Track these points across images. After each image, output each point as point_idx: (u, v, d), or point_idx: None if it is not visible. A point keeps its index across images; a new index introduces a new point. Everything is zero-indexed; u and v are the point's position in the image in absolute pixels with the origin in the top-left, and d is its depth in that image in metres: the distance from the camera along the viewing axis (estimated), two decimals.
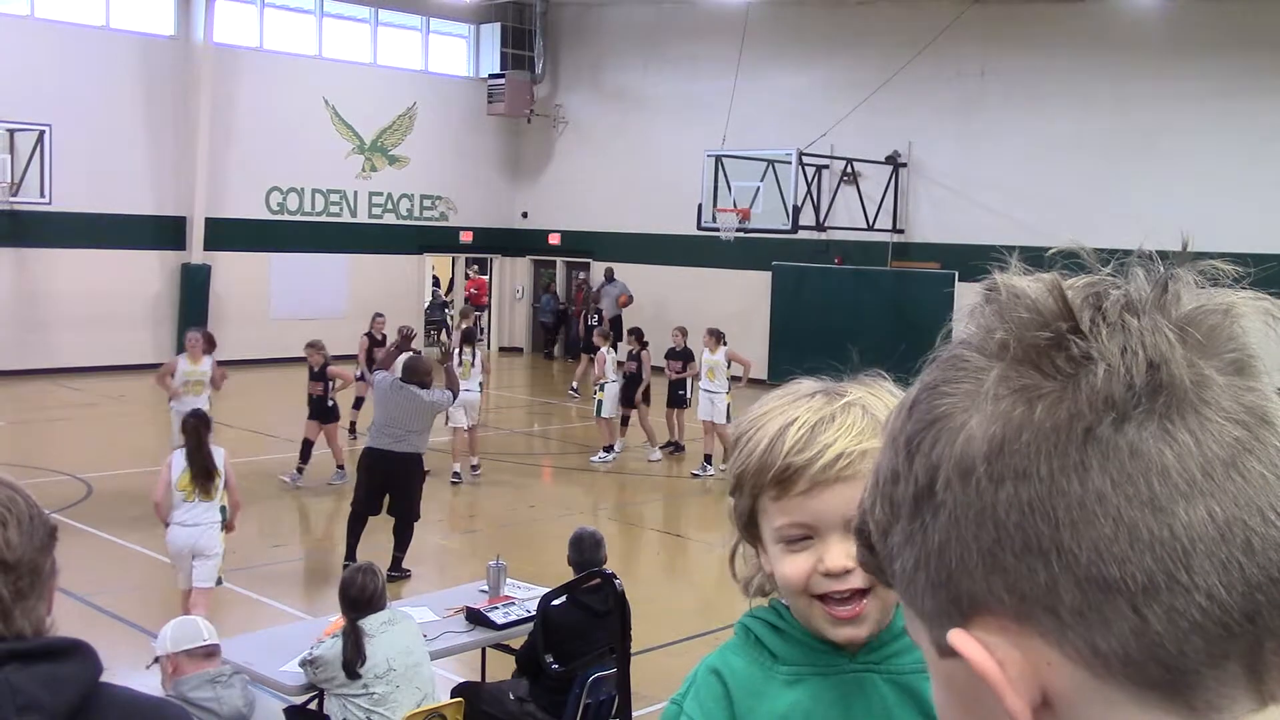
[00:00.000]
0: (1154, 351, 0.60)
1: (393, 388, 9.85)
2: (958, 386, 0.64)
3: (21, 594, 1.47)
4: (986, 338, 0.64)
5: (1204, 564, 0.58)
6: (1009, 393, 0.61)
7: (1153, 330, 0.61)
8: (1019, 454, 0.60)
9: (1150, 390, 0.60)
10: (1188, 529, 0.58)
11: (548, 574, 7.72)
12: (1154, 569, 0.58)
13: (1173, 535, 0.58)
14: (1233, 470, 0.59)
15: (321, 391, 13.50)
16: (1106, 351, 0.60)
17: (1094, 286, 0.64)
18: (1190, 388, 0.60)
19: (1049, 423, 0.60)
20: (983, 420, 0.62)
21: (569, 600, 6.32)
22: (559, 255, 26.68)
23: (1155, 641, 0.58)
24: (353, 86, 24.35)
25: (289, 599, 9.50)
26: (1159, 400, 0.59)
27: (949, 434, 0.63)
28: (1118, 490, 0.58)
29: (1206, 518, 0.58)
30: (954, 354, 0.65)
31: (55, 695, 1.42)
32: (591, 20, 25.67)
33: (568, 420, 18.80)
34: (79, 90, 20.68)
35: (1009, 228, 19.01)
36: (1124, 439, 0.59)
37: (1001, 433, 0.61)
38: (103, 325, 21.17)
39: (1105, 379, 0.60)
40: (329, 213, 24.44)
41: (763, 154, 19.39)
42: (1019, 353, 0.62)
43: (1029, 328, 0.62)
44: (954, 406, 0.63)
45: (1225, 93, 17.53)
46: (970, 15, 19.37)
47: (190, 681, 4.68)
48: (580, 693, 6.17)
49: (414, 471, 9.88)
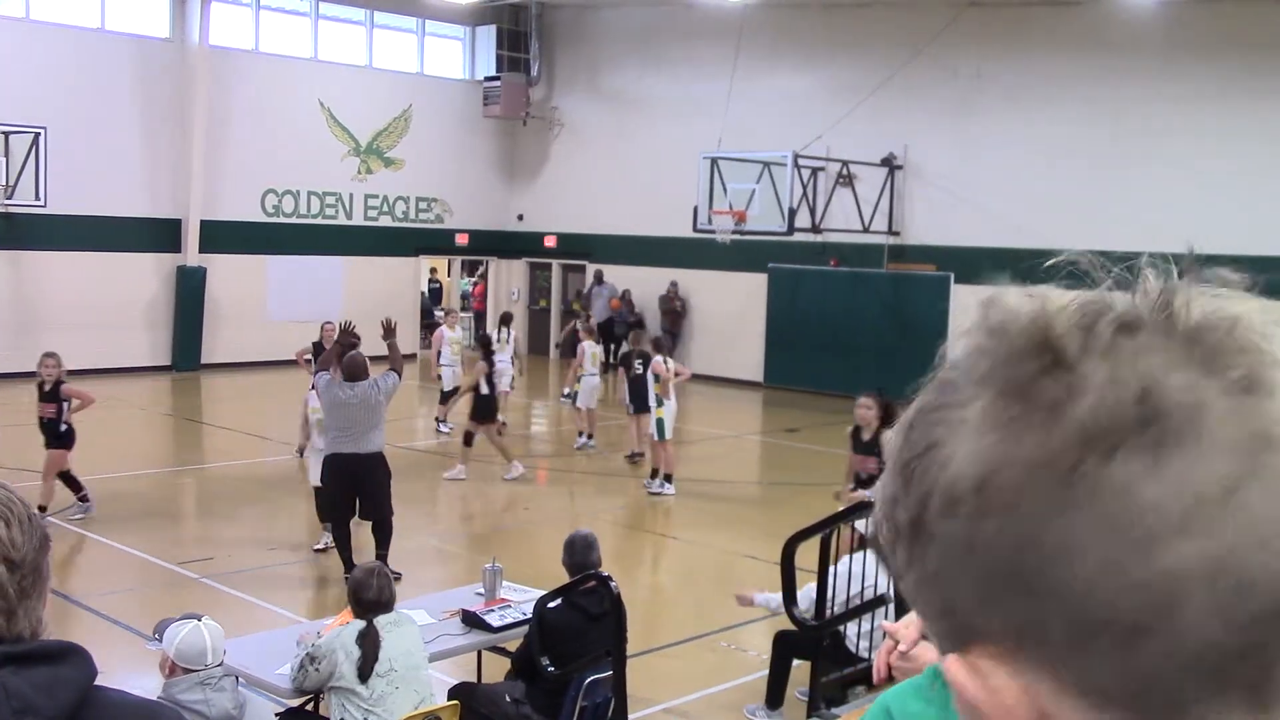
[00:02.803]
0: (1145, 379, 0.57)
1: (341, 389, 9.62)
2: (947, 414, 0.62)
3: (25, 593, 1.48)
4: (975, 364, 0.62)
5: (1197, 603, 0.56)
6: (994, 425, 0.60)
7: (1146, 354, 0.58)
8: (1004, 489, 0.59)
9: (1140, 421, 0.57)
10: (1178, 568, 0.56)
11: (543, 576, 7.72)
12: (1144, 609, 0.56)
13: (1163, 575, 0.56)
14: (1229, 504, 0.56)
15: (54, 414, 11.83)
16: (1093, 382, 0.58)
17: (1090, 305, 0.61)
18: (1185, 416, 0.57)
19: (1033, 458, 0.58)
20: (969, 453, 0.60)
21: (565, 602, 6.33)
22: (555, 258, 26.69)
23: (1150, 677, 0.57)
24: (348, 89, 24.35)
25: (284, 602, 9.49)
26: (1150, 431, 0.57)
27: (939, 464, 0.61)
28: (1104, 528, 0.57)
29: (1198, 556, 0.55)
30: (946, 377, 0.64)
31: (51, 699, 1.42)
32: (587, 22, 25.69)
33: (566, 422, 18.79)
34: (74, 92, 20.67)
35: (1004, 230, 19.04)
36: (1111, 475, 0.57)
37: (987, 467, 0.59)
38: (98, 328, 21.14)
39: (1091, 411, 0.57)
40: (325, 215, 24.44)
41: (759, 156, 19.41)
42: (1003, 384, 0.60)
43: (1014, 357, 0.60)
44: (943, 436, 0.61)
45: (1221, 95, 17.57)
46: (966, 18, 19.41)
47: (181, 684, 4.70)
48: (576, 695, 6.17)
49: (380, 470, 9.73)
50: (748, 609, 7.80)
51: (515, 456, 14.11)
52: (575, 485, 14.56)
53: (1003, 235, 18.94)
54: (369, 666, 5.42)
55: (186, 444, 16.76)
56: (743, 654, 8.40)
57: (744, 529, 11.88)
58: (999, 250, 18.48)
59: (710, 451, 16.87)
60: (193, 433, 17.63)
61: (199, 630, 4.88)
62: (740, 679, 7.95)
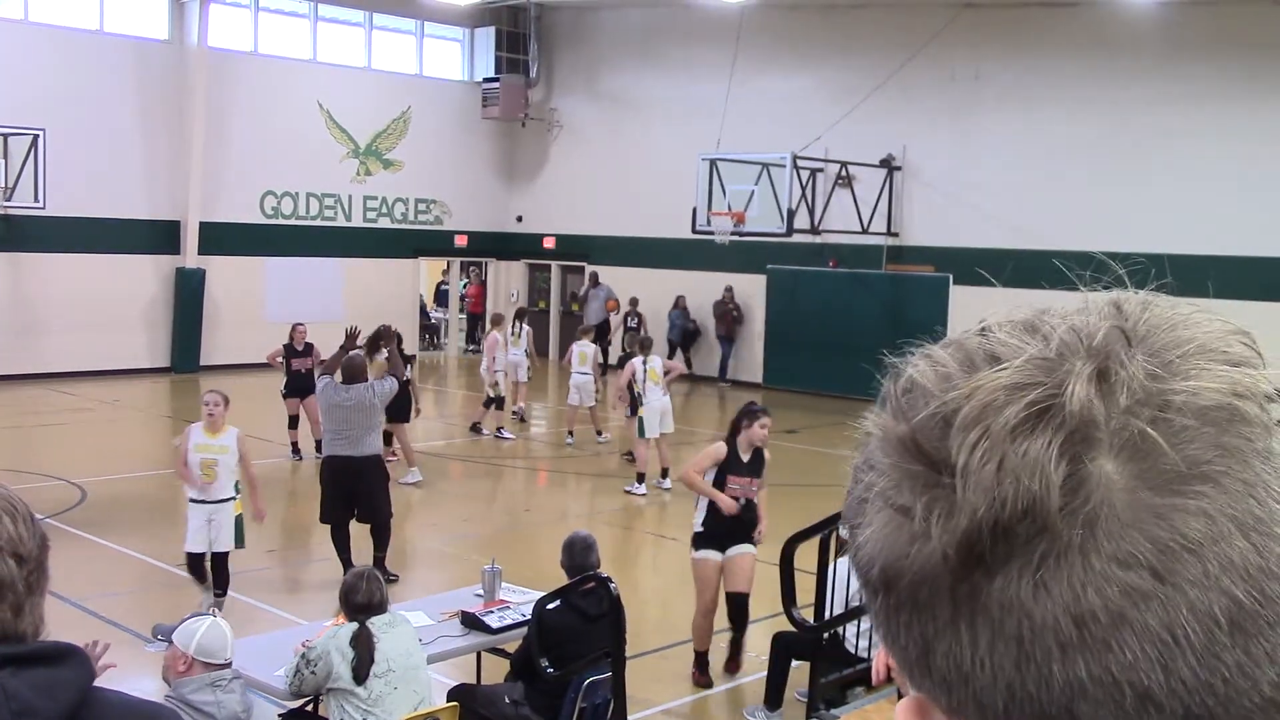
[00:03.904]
0: (1026, 497, 0.53)
1: (336, 392, 9.68)
2: (866, 492, 0.61)
3: (31, 589, 1.49)
4: (876, 450, 0.60)
5: (1092, 715, 0.54)
6: (888, 526, 0.58)
7: (1038, 459, 0.54)
8: (904, 592, 0.58)
9: (1024, 539, 0.54)
10: (1066, 688, 0.54)
11: (543, 578, 7.72)
12: (1042, 717, 0.55)
13: (1049, 693, 0.54)
14: (1121, 626, 0.53)
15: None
16: (970, 500, 0.54)
17: (1005, 394, 0.56)
18: (1076, 532, 0.53)
19: (921, 569, 0.56)
20: (873, 549, 0.59)
21: (564, 604, 6.33)
22: (554, 259, 26.70)
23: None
24: (347, 90, 24.36)
25: (283, 604, 9.49)
26: (1035, 550, 0.54)
27: (860, 541, 0.61)
28: (991, 645, 0.55)
29: (1087, 677, 0.53)
30: (877, 438, 0.61)
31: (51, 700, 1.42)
32: (586, 24, 25.69)
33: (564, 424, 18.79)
34: (73, 94, 20.66)
35: (1002, 231, 19.06)
36: (994, 594, 0.55)
37: (886, 568, 0.58)
38: (97, 330, 21.14)
39: (966, 535, 0.54)
40: (323, 217, 24.43)
41: (757, 157, 19.41)
42: (887, 485, 0.58)
43: (894, 473, 0.58)
44: (861, 512, 0.61)
45: (1219, 96, 17.57)
46: (964, 19, 19.42)
47: (192, 684, 4.70)
48: (575, 696, 6.17)
49: (377, 473, 9.76)
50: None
51: (416, 464, 13.87)
52: (574, 486, 14.56)
53: (1001, 236, 18.95)
54: (365, 668, 5.42)
55: None
56: (742, 655, 8.39)
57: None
58: (998, 251, 18.48)
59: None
60: None
61: (218, 625, 4.92)
62: (739, 680, 7.95)
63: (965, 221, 19.98)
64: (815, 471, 14.53)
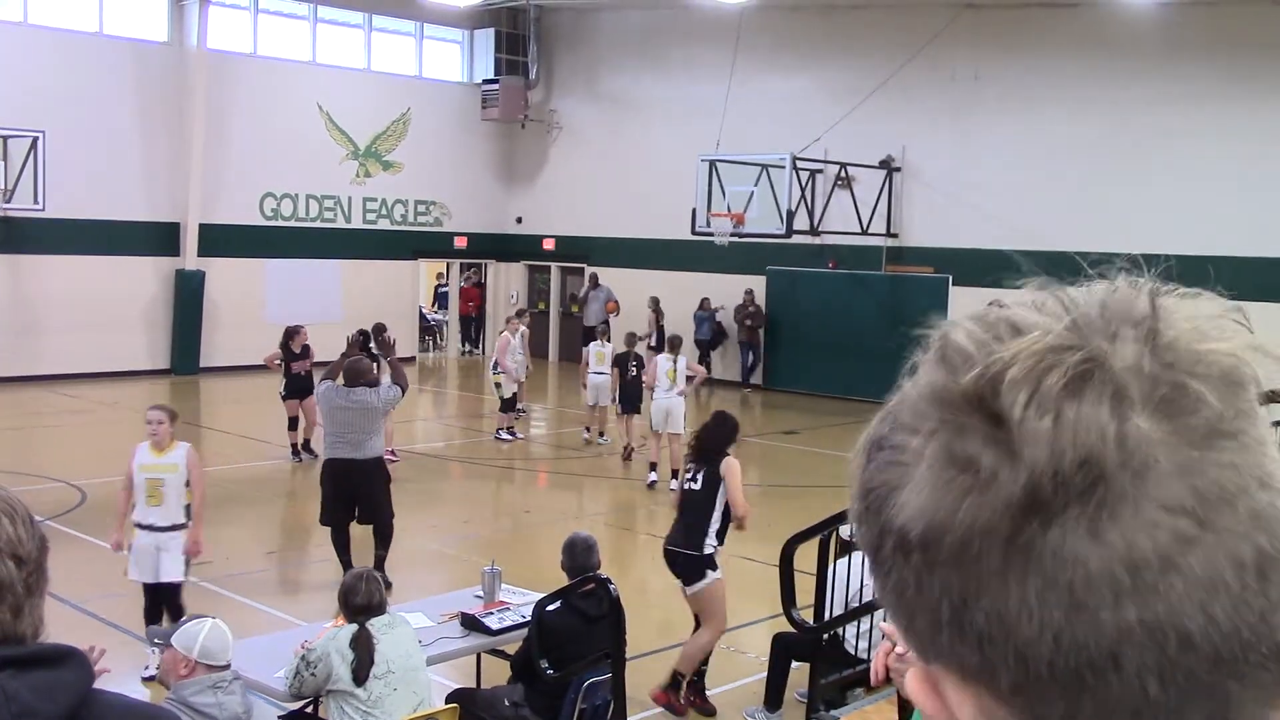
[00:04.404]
0: (1084, 448, 0.56)
1: (339, 394, 9.68)
2: (900, 455, 0.62)
3: (30, 590, 1.49)
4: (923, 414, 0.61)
5: (1134, 664, 0.56)
6: (937, 484, 0.59)
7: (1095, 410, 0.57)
8: (948, 548, 0.59)
9: (1081, 489, 0.56)
10: (1115, 634, 0.56)
11: (543, 579, 7.72)
12: (1081, 669, 0.57)
13: (1098, 640, 0.56)
14: (1169, 570, 0.56)
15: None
16: (1031, 452, 0.57)
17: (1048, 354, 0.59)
18: (1127, 480, 0.56)
19: (973, 523, 0.58)
20: (917, 507, 0.60)
21: (564, 605, 6.32)
22: (553, 260, 26.70)
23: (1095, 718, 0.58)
24: (347, 92, 24.36)
25: (282, 606, 9.49)
26: (1090, 499, 0.56)
27: (892, 503, 0.62)
28: (1041, 595, 0.57)
29: (1136, 622, 0.56)
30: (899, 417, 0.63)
31: (51, 702, 1.42)
32: (585, 25, 25.70)
33: (565, 425, 18.80)
34: (73, 96, 20.66)
35: (1002, 232, 19.05)
36: (1048, 543, 0.57)
37: (932, 524, 0.59)
38: (97, 331, 21.14)
39: (1027, 484, 0.57)
40: (323, 218, 24.43)
41: (757, 158, 19.41)
42: (946, 447, 0.60)
43: (952, 425, 0.60)
44: (897, 476, 0.62)
45: (1219, 96, 17.57)
46: (963, 20, 19.42)
47: (193, 686, 4.71)
48: (575, 698, 6.17)
49: (378, 476, 9.76)
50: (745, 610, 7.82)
51: None
52: (575, 488, 14.55)
53: (1001, 237, 18.94)
54: (364, 670, 5.42)
55: None
56: (741, 656, 8.40)
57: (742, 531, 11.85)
58: (997, 252, 18.47)
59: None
60: (191, 436, 17.56)
61: (219, 627, 4.94)
62: (739, 681, 7.95)
63: (965, 222, 19.98)
64: (815, 472, 14.55)
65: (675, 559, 7.49)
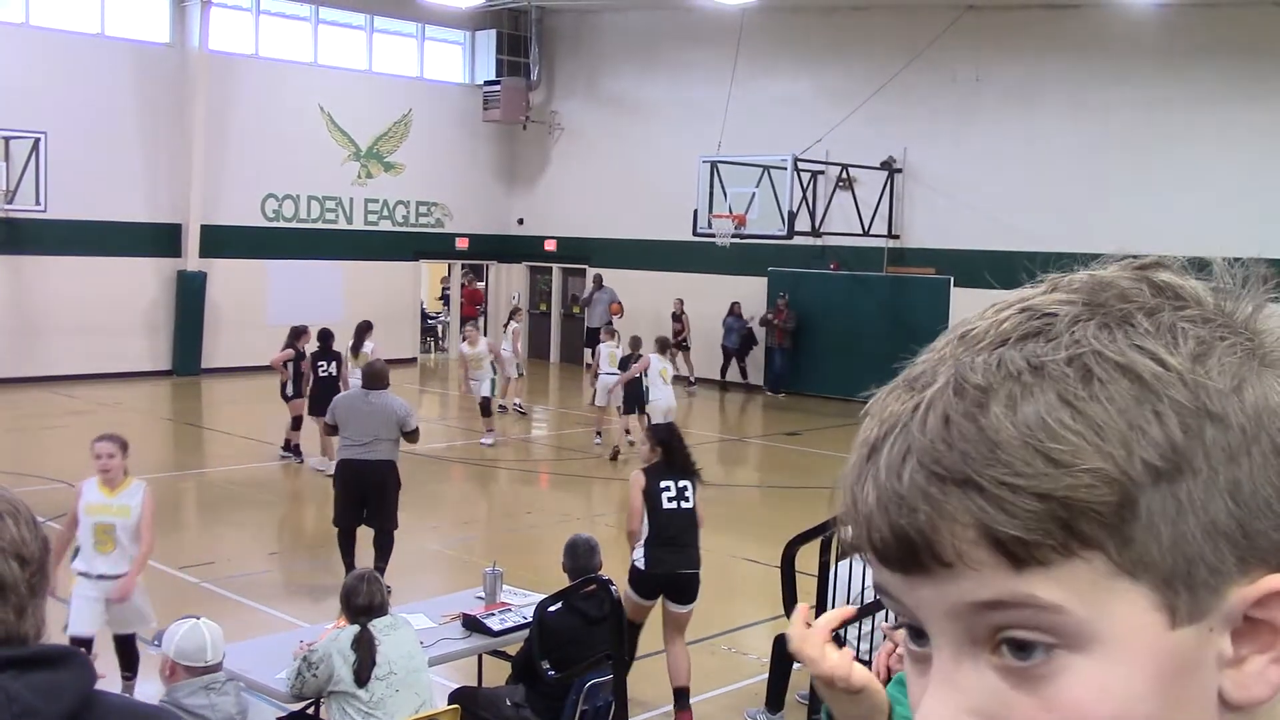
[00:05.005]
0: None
1: (360, 398, 9.67)
2: (1233, 351, 0.66)
3: (34, 590, 1.50)
4: (1232, 309, 0.70)
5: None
6: (1223, 353, 0.66)
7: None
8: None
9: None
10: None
11: (544, 580, 7.72)
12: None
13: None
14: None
15: None
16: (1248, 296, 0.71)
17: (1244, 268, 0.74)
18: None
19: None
20: (1230, 370, 0.65)
21: (565, 606, 6.32)
22: (555, 262, 26.70)
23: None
24: (348, 93, 24.37)
25: (284, 607, 9.49)
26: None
27: (1192, 390, 0.64)
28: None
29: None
30: (1213, 319, 0.69)
31: (53, 703, 1.43)
32: (587, 27, 25.71)
33: (566, 426, 18.81)
34: (74, 98, 20.68)
35: (1004, 233, 19.05)
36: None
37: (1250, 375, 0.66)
38: (98, 333, 21.16)
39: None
40: (325, 219, 24.45)
41: (758, 160, 19.42)
42: (1199, 321, 0.68)
43: (1171, 305, 0.69)
44: (1241, 368, 0.66)
45: (1220, 98, 17.57)
46: (964, 21, 19.42)
47: (185, 688, 4.70)
48: (577, 699, 6.17)
49: (389, 480, 9.68)
50: (747, 611, 7.81)
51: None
52: (576, 489, 14.55)
53: (1002, 238, 18.94)
54: (366, 671, 5.42)
55: (186, 449, 16.76)
56: (743, 657, 8.40)
57: (744, 532, 11.87)
58: (998, 253, 18.47)
59: (711, 455, 16.87)
60: (193, 437, 17.64)
61: (198, 628, 4.87)
62: (741, 682, 7.95)
63: (966, 224, 19.99)
64: (816, 473, 14.55)
65: (694, 581, 7.42)
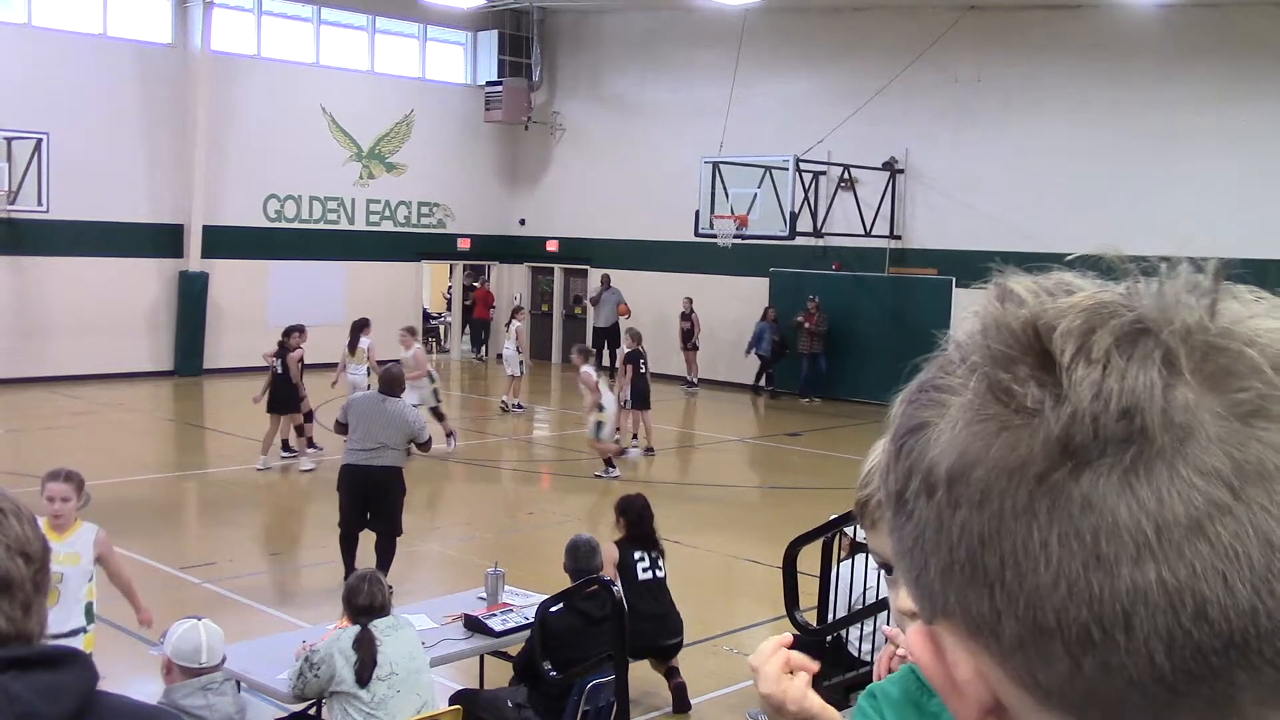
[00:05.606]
0: (1130, 397, 0.56)
1: (371, 400, 9.66)
2: (938, 395, 0.62)
3: (38, 588, 1.50)
4: (970, 350, 0.62)
5: (1145, 627, 0.55)
6: (974, 419, 0.59)
7: (1144, 367, 0.56)
8: (974, 486, 0.58)
9: (1119, 439, 0.56)
10: (1131, 591, 0.55)
11: (546, 581, 7.72)
12: (1090, 624, 0.56)
13: (1113, 595, 0.55)
14: (1196, 535, 0.55)
15: None
16: (1076, 394, 0.56)
17: (1102, 307, 0.59)
18: (1168, 439, 0.55)
19: (1004, 460, 0.58)
20: (948, 442, 0.60)
21: (566, 607, 6.33)
22: (556, 262, 26.71)
23: (1092, 688, 0.57)
24: (350, 94, 24.38)
25: (286, 608, 9.49)
26: (1128, 451, 0.55)
27: (922, 445, 0.61)
28: (1062, 542, 0.56)
29: (1154, 582, 0.55)
30: (947, 357, 0.63)
31: (54, 704, 1.43)
32: (589, 27, 25.71)
33: (568, 427, 18.81)
34: (76, 98, 20.69)
35: (1005, 233, 19.05)
36: (1078, 489, 0.56)
37: (961, 459, 0.59)
38: (100, 333, 21.17)
39: (1068, 424, 0.56)
40: (326, 220, 24.45)
41: (760, 160, 19.42)
42: (990, 379, 0.59)
43: (1005, 354, 0.60)
44: (931, 417, 0.61)
45: (1221, 98, 17.57)
46: (966, 22, 19.42)
47: (182, 689, 4.70)
48: (578, 700, 6.17)
49: (394, 486, 9.63)
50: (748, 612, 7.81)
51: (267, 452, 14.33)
52: (578, 489, 14.55)
53: (1004, 239, 18.94)
54: (367, 671, 5.42)
55: (188, 449, 16.78)
56: (744, 658, 8.37)
57: (746, 533, 11.87)
58: (1000, 254, 18.33)
59: (712, 455, 16.88)
60: (195, 438, 17.65)
61: (196, 628, 4.86)
62: (742, 683, 7.94)
63: (968, 224, 19.98)
64: (818, 474, 14.55)
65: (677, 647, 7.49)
